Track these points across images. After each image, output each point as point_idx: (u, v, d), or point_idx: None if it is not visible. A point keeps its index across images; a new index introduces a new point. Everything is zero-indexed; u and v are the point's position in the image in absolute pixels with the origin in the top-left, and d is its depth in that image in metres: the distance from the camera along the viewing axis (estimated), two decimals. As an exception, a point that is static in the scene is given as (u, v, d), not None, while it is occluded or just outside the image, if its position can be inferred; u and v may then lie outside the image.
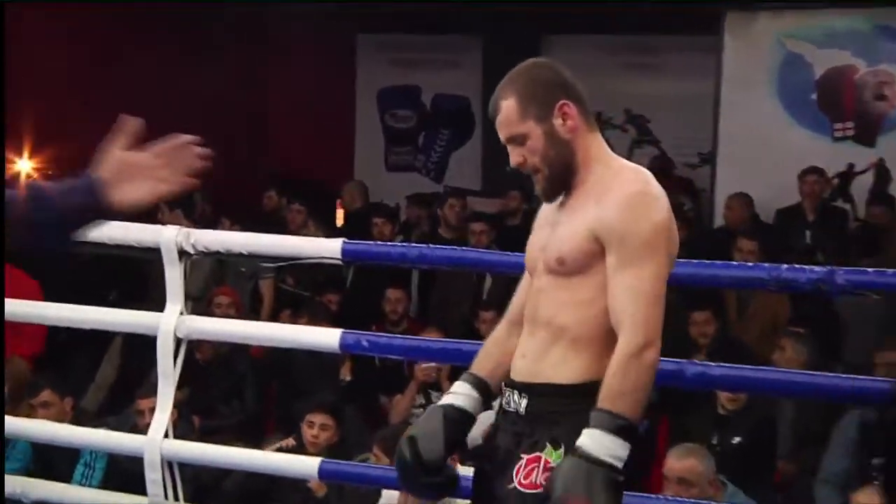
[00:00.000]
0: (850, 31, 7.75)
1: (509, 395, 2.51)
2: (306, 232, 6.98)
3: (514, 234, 7.45)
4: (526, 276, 2.65)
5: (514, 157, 2.50)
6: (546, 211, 2.60)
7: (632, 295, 2.36)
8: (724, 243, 6.61)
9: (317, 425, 4.66)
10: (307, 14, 9.27)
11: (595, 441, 2.30)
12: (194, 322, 3.90)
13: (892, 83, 7.63)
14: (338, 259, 3.72)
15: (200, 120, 9.54)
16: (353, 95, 10.03)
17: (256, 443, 4.87)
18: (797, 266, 3.27)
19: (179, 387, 3.93)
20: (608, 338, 2.40)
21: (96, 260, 6.46)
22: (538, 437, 2.42)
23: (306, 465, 3.92)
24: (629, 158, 2.64)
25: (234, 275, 6.56)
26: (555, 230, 2.51)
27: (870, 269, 3.26)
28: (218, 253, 3.90)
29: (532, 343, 2.50)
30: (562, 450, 2.38)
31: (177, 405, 3.98)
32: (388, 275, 6.41)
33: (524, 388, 2.47)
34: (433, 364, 5.40)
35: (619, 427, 2.31)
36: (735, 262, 3.79)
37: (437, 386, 5.56)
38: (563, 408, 2.42)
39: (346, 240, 3.72)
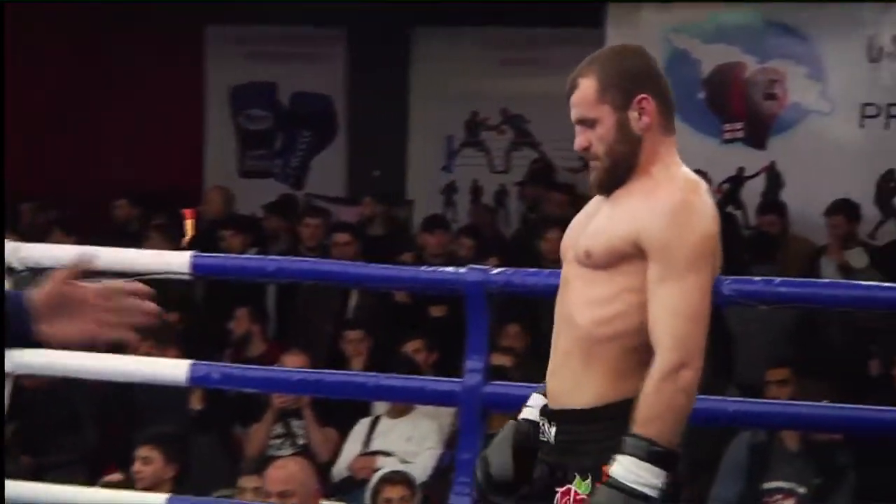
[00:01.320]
0: (739, 26, 7.99)
1: (544, 424, 2.57)
2: (150, 245, 6.91)
3: (379, 246, 7.55)
4: None
5: (581, 140, 2.57)
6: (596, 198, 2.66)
7: (671, 311, 2.42)
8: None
9: (139, 459, 4.70)
10: (149, 3, 9.17)
11: (626, 469, 2.36)
12: (21, 356, 3.81)
13: (782, 81, 7.89)
14: (187, 274, 3.71)
15: (31, 120, 9.38)
16: (201, 93, 9.94)
17: (95, 482, 4.81)
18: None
19: (5, 422, 3.86)
20: (624, 352, 2.48)
21: None
22: (567, 467, 2.48)
23: (150, 502, 3.90)
24: (507, 162, 2.72)
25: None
26: (594, 219, 2.59)
27: (757, 279, 3.40)
28: (49, 269, 3.83)
29: (555, 356, 2.56)
30: (589, 480, 2.44)
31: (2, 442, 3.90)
32: (242, 292, 6.38)
33: (552, 416, 2.54)
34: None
35: (652, 453, 2.36)
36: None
37: (298, 413, 5.56)
38: (584, 435, 2.47)
39: (197, 253, 3.71)
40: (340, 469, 5.42)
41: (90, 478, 5.01)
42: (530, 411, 2.67)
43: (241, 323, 6.31)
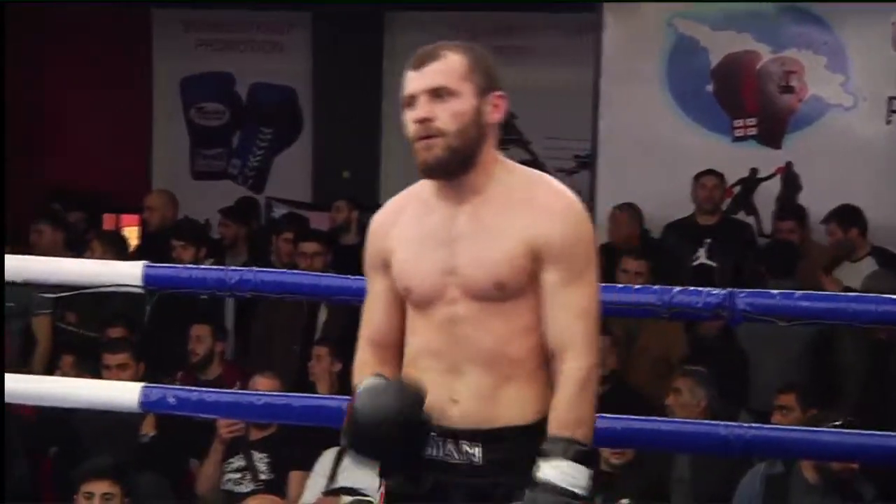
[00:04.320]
0: (751, 11, 8.04)
1: (448, 447, 2.72)
2: (92, 255, 6.92)
3: (351, 255, 7.54)
4: (381, 295, 2.83)
5: (425, 110, 2.69)
6: (414, 228, 2.77)
7: (579, 314, 2.69)
8: (606, 263, 6.81)
9: (97, 496, 4.68)
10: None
11: (562, 472, 2.61)
12: None
13: (800, 72, 7.94)
14: (139, 287, 3.73)
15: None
16: (148, 85, 9.96)
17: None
18: (692, 289, 3.43)
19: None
20: (547, 364, 2.71)
21: None
22: (510, 484, 2.67)
23: None
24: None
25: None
26: (460, 247, 2.72)
27: (775, 292, 3.45)
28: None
29: (464, 384, 2.71)
30: None
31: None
32: (195, 308, 6.40)
33: (474, 436, 2.70)
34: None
35: (581, 454, 2.64)
36: (619, 285, 3.94)
37: (262, 445, 5.58)
38: (528, 450, 2.67)
39: (149, 263, 3.73)
40: (304, 510, 5.45)
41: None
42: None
43: (200, 342, 6.32)
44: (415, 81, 2.71)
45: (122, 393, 3.82)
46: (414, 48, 2.78)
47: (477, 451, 2.69)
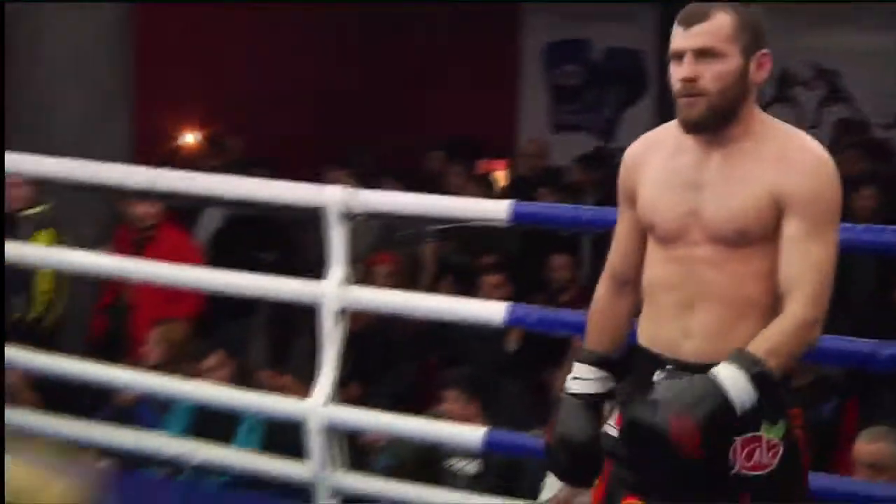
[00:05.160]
0: None
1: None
2: (467, 194, 7.14)
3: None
4: (627, 226, 2.70)
5: (689, 70, 2.51)
6: (665, 166, 2.60)
7: (816, 268, 2.45)
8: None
9: (448, 398, 4.86)
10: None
11: (733, 380, 2.38)
12: (356, 292, 4.04)
13: None
14: (506, 222, 3.82)
15: (356, 76, 9.79)
16: (517, 51, 10.13)
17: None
18: None
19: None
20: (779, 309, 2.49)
21: (240, 221, 6.81)
22: (747, 416, 2.42)
23: (469, 435, 4.05)
24: (817, 118, 2.73)
25: (392, 239, 6.80)
26: (707, 192, 2.53)
27: None
28: (384, 215, 4.06)
29: (698, 320, 2.52)
30: (780, 423, 2.49)
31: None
32: (555, 241, 6.54)
33: (706, 370, 2.45)
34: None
35: (761, 378, 2.38)
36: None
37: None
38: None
39: (516, 201, 3.83)
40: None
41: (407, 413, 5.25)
42: (587, 384, 2.69)
43: (559, 270, 6.46)
44: (682, 39, 2.52)
45: (492, 310, 3.90)
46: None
47: None
